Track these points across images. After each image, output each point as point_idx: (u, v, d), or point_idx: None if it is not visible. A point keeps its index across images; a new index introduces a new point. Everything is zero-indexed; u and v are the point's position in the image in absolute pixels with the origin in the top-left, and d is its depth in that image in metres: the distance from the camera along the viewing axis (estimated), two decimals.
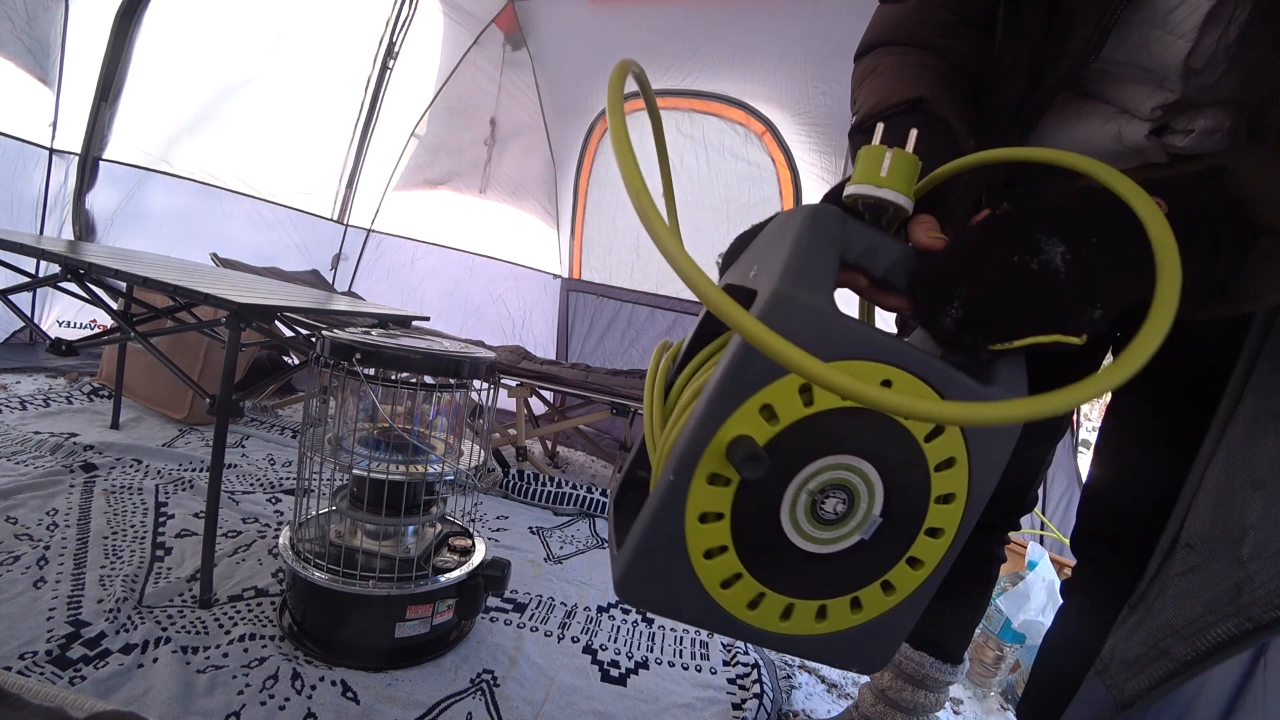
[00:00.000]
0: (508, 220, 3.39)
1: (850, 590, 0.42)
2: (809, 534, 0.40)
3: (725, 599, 0.41)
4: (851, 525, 0.40)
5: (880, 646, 0.43)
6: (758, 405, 0.37)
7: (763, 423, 0.37)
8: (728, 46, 2.60)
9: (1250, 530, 0.45)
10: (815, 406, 0.38)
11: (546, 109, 3.29)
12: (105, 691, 0.86)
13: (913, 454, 0.40)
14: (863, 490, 0.39)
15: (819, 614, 0.42)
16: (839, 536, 0.40)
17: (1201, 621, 0.46)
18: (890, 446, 0.39)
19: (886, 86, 0.56)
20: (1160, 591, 0.51)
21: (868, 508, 0.40)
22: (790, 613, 0.42)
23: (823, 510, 0.39)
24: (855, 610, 0.42)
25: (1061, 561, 1.76)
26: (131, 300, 1.49)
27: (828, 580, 0.41)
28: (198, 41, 2.43)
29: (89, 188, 2.33)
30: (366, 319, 1.58)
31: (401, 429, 1.07)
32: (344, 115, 2.95)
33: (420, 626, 1.04)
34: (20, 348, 2.33)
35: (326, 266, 3.02)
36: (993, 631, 1.40)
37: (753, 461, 0.36)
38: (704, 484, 0.38)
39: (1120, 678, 0.51)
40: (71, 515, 1.28)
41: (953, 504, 0.41)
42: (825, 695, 1.26)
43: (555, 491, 1.97)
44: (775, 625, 0.42)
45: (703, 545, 0.40)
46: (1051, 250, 0.36)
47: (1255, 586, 0.44)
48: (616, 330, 3.13)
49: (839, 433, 0.38)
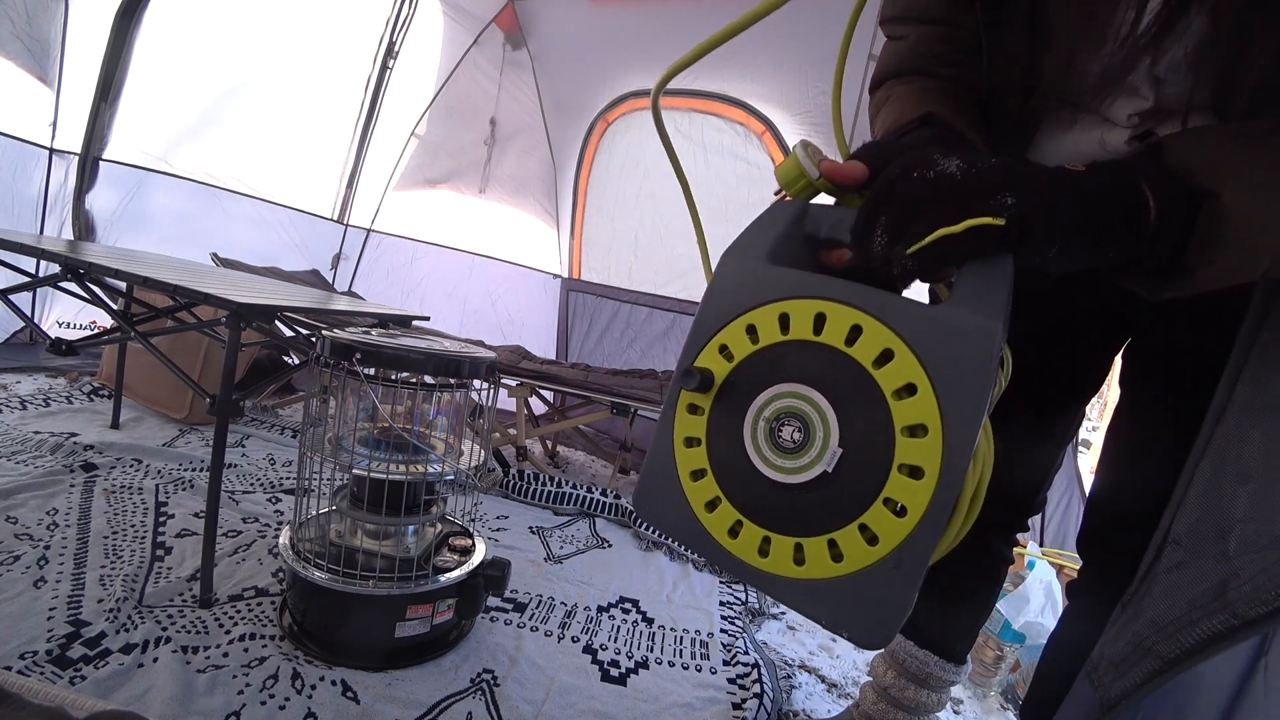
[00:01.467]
0: (507, 220, 3.39)
1: (825, 530, 0.41)
2: (772, 461, 0.43)
3: (710, 523, 0.46)
4: (811, 454, 0.42)
5: (877, 615, 0.40)
6: (717, 346, 0.46)
7: (723, 361, 0.46)
8: (727, 46, 2.57)
9: (1237, 525, 0.45)
10: (760, 343, 0.45)
11: (546, 109, 3.29)
12: (105, 691, 0.86)
13: (861, 380, 0.41)
14: (815, 418, 0.42)
15: (796, 554, 0.42)
16: (801, 466, 0.42)
17: (1187, 618, 0.45)
18: (836, 374, 0.42)
19: (900, 110, 0.63)
20: (1148, 589, 0.50)
21: (824, 436, 0.41)
22: (767, 548, 0.43)
23: (780, 439, 0.43)
24: (837, 559, 0.41)
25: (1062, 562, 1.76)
26: (131, 300, 1.49)
27: (799, 515, 0.43)
28: (198, 41, 2.43)
29: (89, 188, 2.33)
30: (366, 319, 1.58)
31: (401, 429, 1.07)
32: (344, 115, 2.95)
33: (420, 626, 1.04)
34: (20, 348, 2.32)
35: (326, 266, 3.02)
36: (993, 631, 1.40)
37: (688, 377, 0.45)
38: (685, 413, 0.47)
39: (1107, 678, 0.51)
40: (71, 515, 1.28)
41: (927, 437, 0.39)
42: (825, 695, 1.26)
43: (555, 491, 1.97)
44: (755, 559, 0.44)
45: (688, 467, 0.47)
46: (947, 163, 0.41)
47: (1241, 582, 0.43)
48: (616, 330, 3.13)
49: (782, 364, 0.44)
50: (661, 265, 2.97)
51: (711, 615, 1.44)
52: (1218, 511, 0.47)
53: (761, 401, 0.44)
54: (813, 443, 0.42)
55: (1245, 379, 0.48)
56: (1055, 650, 0.81)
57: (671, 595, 1.52)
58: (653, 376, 2.57)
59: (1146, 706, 0.49)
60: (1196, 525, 0.48)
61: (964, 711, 1.33)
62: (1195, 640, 0.45)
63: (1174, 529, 0.50)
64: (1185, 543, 0.48)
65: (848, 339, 0.41)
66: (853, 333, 0.41)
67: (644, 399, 2.05)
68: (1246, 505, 0.45)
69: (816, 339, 0.43)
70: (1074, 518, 2.15)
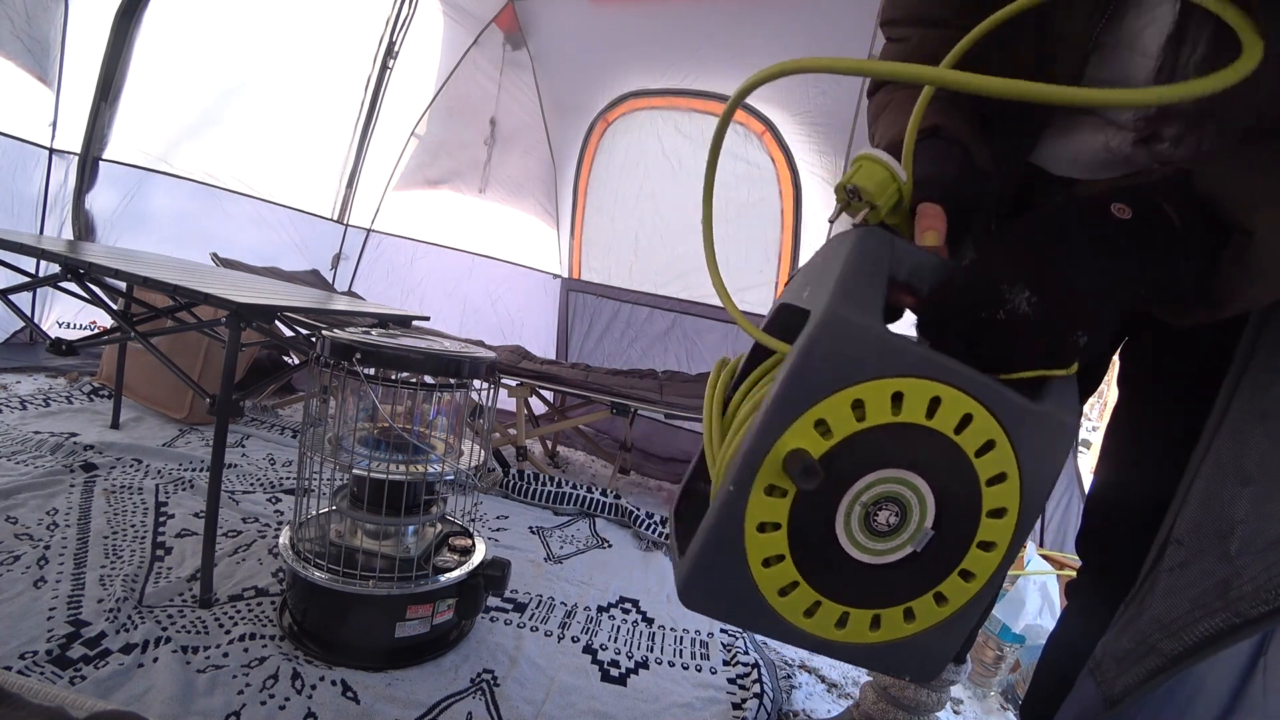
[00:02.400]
0: (507, 220, 3.39)
1: (903, 601, 0.43)
2: (863, 544, 0.41)
3: (783, 606, 0.43)
4: (904, 537, 0.41)
5: (934, 655, 0.44)
6: (812, 420, 0.39)
7: (817, 437, 0.39)
8: (728, 46, 2.60)
9: (1239, 526, 0.46)
10: (867, 422, 0.40)
11: (546, 109, 3.29)
12: (105, 691, 0.86)
13: (963, 469, 0.41)
14: (914, 503, 0.41)
15: (873, 623, 0.44)
16: (892, 548, 0.42)
17: (1190, 616, 0.47)
18: (941, 461, 0.40)
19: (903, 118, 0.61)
20: (1151, 587, 0.51)
21: (919, 520, 0.41)
22: (846, 621, 0.43)
23: (875, 522, 0.41)
24: (909, 621, 0.43)
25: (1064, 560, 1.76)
26: (131, 300, 1.49)
27: (881, 590, 0.43)
28: (198, 41, 2.43)
29: (89, 188, 2.33)
30: (366, 319, 1.58)
31: (401, 429, 1.07)
32: (344, 115, 2.95)
33: (420, 626, 1.04)
34: (20, 348, 2.32)
35: (326, 266, 3.02)
36: (993, 632, 1.40)
37: (808, 474, 0.38)
38: (762, 495, 0.40)
39: (1110, 674, 0.51)
40: (71, 515, 1.28)
41: (1005, 518, 0.42)
42: (825, 695, 1.26)
43: (555, 491, 1.97)
44: (831, 633, 0.43)
45: (761, 554, 0.41)
46: (1016, 298, 0.40)
47: (1243, 581, 0.44)
48: (616, 330, 3.13)
49: (890, 447, 0.40)
50: (661, 265, 2.97)
51: None
52: (1219, 512, 0.47)
53: (861, 486, 0.41)
54: (908, 525, 0.41)
55: (1245, 384, 0.49)
56: (1055, 650, 0.81)
57: (671, 595, 1.51)
58: (653, 376, 2.57)
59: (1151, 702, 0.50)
60: (1199, 525, 0.48)
61: (964, 711, 1.33)
62: (1198, 638, 0.46)
63: (1176, 529, 0.51)
64: (1188, 542, 0.49)
65: (958, 427, 0.40)
66: (963, 421, 0.40)
67: (644, 399, 2.05)
68: (1247, 507, 0.46)
69: (928, 423, 0.40)
70: (1074, 517, 2.15)
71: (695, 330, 2.89)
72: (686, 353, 2.90)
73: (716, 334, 2.83)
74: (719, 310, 2.81)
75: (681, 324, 2.93)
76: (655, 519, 1.88)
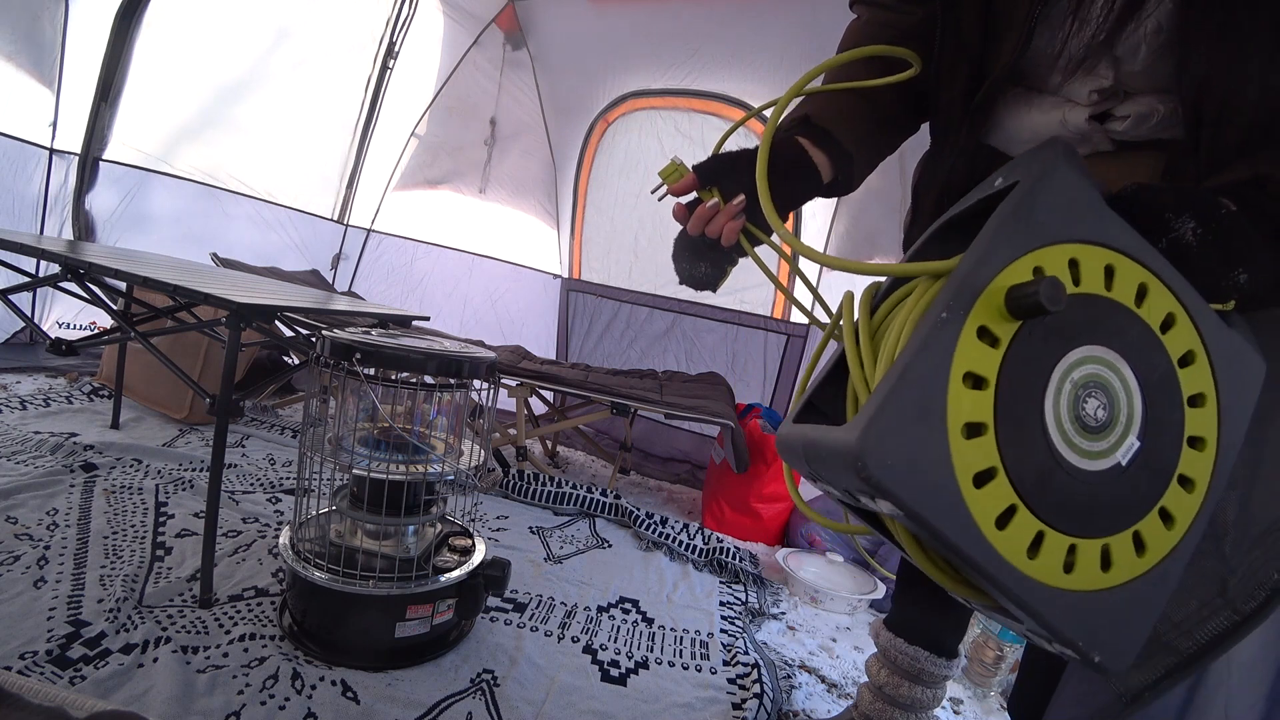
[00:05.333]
0: (508, 220, 3.39)
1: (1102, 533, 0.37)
2: (1069, 438, 0.36)
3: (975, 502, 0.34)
4: (1111, 440, 0.37)
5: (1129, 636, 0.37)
6: (1031, 265, 0.36)
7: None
8: (728, 46, 2.60)
9: (1231, 528, 0.48)
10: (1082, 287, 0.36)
11: (546, 109, 3.29)
12: (105, 691, 0.86)
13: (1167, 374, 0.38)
14: (1122, 399, 0.37)
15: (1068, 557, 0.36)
16: (1098, 451, 0.36)
17: (1198, 615, 0.48)
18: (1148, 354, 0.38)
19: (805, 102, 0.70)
20: None
21: (1126, 423, 0.37)
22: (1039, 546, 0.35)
23: (1084, 411, 0.36)
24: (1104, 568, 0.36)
25: None
26: (131, 300, 1.49)
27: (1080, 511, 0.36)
28: (198, 41, 2.42)
29: (89, 188, 2.33)
30: (366, 319, 1.58)
31: (401, 429, 1.07)
32: (344, 115, 2.95)
33: (420, 626, 1.04)
34: (20, 348, 2.32)
35: (326, 266, 3.02)
36: (992, 631, 1.40)
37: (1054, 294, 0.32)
38: (974, 336, 0.35)
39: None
40: (71, 515, 1.28)
41: (1204, 452, 0.39)
42: (825, 695, 1.26)
43: (555, 491, 1.97)
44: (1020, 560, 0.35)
45: (962, 415, 0.34)
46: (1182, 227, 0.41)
47: (1236, 580, 0.47)
48: (616, 330, 3.13)
49: (1104, 322, 0.37)
50: (662, 265, 2.97)
51: (711, 615, 1.44)
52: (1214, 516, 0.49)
53: (1074, 359, 0.36)
54: (1115, 426, 0.37)
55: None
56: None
57: (671, 595, 1.52)
58: (653, 376, 2.57)
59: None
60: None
61: (964, 711, 1.33)
62: (1207, 636, 0.48)
63: None
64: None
65: (1163, 325, 0.38)
66: (1167, 320, 0.38)
67: (644, 399, 2.05)
68: (1235, 510, 0.48)
69: (1136, 310, 0.38)
70: None
71: (695, 330, 2.89)
72: (686, 353, 2.90)
73: (716, 334, 2.84)
74: (719, 310, 2.81)
75: (681, 324, 2.93)
76: (655, 519, 1.88)
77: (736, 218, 0.61)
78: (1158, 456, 0.38)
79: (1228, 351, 0.39)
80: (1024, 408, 0.35)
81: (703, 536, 1.82)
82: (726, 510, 2.07)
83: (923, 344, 0.34)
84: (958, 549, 0.34)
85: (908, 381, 0.33)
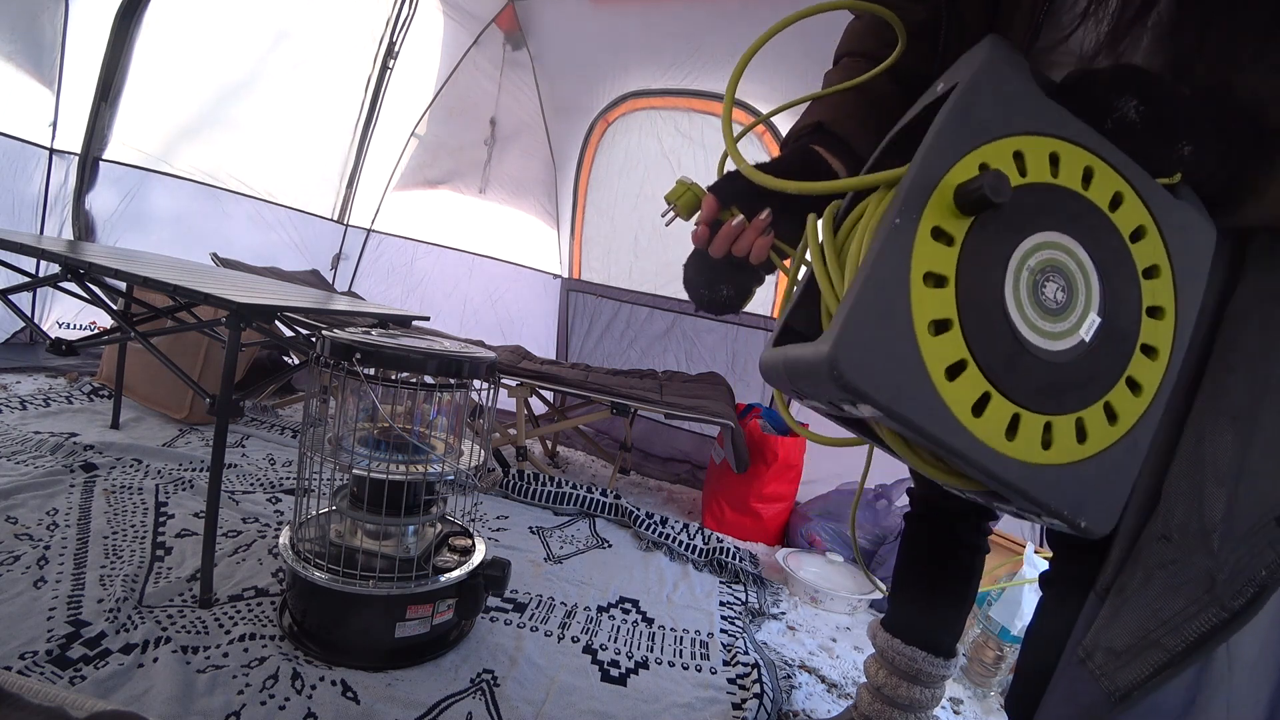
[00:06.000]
0: (507, 220, 3.39)
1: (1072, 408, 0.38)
2: (1033, 322, 0.38)
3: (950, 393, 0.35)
4: (1073, 319, 0.38)
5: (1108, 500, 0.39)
6: (976, 162, 0.37)
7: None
8: (728, 46, 2.60)
9: (1220, 524, 0.48)
10: (1029, 178, 0.38)
11: (546, 109, 3.29)
12: (105, 691, 0.86)
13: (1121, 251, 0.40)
14: (1080, 280, 0.39)
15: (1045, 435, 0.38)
16: (1060, 331, 0.38)
17: (1186, 612, 0.48)
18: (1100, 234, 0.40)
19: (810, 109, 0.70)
20: (1144, 582, 0.52)
21: (1086, 301, 0.39)
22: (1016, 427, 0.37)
23: (1044, 295, 0.38)
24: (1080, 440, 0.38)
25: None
26: (131, 300, 1.49)
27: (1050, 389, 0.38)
28: (198, 41, 2.43)
29: (89, 188, 2.33)
30: (366, 319, 1.58)
31: (401, 429, 1.07)
32: (344, 115, 2.95)
33: (420, 626, 1.04)
34: (20, 348, 2.33)
35: (326, 266, 3.02)
36: (992, 632, 1.40)
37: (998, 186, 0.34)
38: (928, 238, 0.36)
39: (1109, 667, 0.52)
40: (71, 515, 1.28)
41: (1163, 320, 0.41)
42: (825, 695, 1.26)
43: (555, 491, 1.97)
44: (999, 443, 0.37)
45: (927, 314, 0.36)
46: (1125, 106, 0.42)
47: (1224, 577, 0.47)
48: (616, 330, 3.14)
49: (1053, 209, 0.39)
50: (661, 265, 2.98)
51: (711, 615, 1.44)
52: (1201, 511, 0.50)
53: (1028, 247, 0.37)
54: (1074, 306, 0.38)
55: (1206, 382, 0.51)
56: (1035, 642, 0.81)
57: (671, 595, 1.52)
58: (653, 376, 2.57)
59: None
60: (1184, 524, 0.51)
61: (964, 711, 1.33)
62: (1196, 634, 0.47)
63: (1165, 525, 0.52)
64: (1176, 540, 0.51)
65: (1111, 204, 0.40)
66: (1115, 199, 0.40)
67: (644, 399, 2.05)
68: (1224, 506, 0.48)
69: (1084, 193, 0.39)
70: None
71: (695, 330, 2.89)
72: (686, 353, 2.90)
73: (716, 334, 2.84)
74: None
75: (681, 324, 2.93)
76: (655, 519, 1.88)
77: (765, 234, 0.59)
78: (1119, 329, 0.39)
79: (1178, 222, 0.41)
80: (985, 299, 0.37)
81: (703, 536, 1.82)
82: (726, 510, 2.07)
83: (880, 251, 0.36)
84: (939, 440, 0.36)
85: (870, 288, 0.35)
